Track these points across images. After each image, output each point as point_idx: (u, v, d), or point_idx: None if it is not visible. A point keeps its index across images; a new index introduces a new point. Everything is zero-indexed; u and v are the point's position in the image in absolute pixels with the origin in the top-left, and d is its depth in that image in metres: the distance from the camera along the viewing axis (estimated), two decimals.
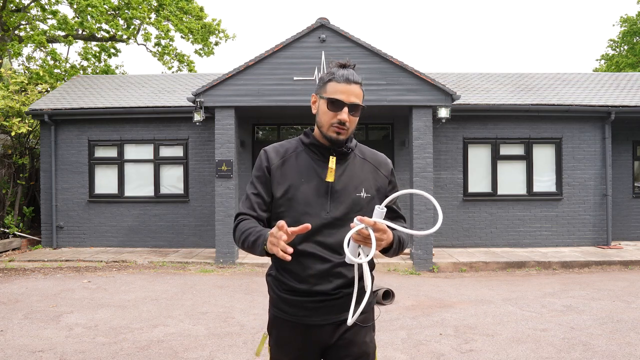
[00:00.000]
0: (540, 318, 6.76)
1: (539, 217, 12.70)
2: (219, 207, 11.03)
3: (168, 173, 13.01)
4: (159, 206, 12.93)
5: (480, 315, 6.94)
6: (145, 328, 6.32)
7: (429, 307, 7.42)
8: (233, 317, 6.81)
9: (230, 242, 10.97)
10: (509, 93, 13.50)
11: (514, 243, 12.66)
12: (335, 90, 2.31)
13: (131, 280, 9.38)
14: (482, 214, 12.73)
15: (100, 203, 12.98)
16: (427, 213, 10.88)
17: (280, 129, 13.20)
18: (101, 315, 6.93)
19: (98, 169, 13.09)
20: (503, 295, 8.14)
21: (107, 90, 14.48)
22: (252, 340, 5.80)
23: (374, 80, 10.86)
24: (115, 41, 22.42)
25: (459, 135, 12.78)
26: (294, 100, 10.90)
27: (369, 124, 13.13)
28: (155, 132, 12.95)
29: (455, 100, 11.13)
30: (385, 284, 8.79)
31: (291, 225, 2.14)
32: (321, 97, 2.35)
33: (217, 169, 11.03)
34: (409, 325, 6.45)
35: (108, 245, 12.92)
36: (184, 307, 7.40)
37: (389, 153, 12.96)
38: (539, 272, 10.41)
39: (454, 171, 12.74)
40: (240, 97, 10.95)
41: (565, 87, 14.06)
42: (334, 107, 2.30)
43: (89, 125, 13.01)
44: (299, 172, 2.33)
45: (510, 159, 12.78)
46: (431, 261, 10.79)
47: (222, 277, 9.79)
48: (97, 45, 22.69)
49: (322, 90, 2.36)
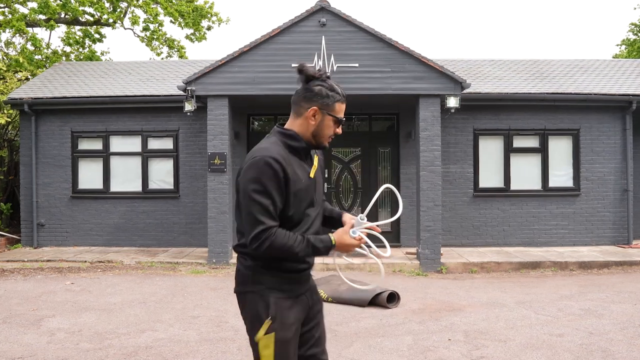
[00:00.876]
0: (556, 322, 6.75)
1: (555, 214, 12.69)
2: (212, 203, 11.02)
3: (157, 167, 12.99)
4: (147, 202, 12.91)
5: (491, 319, 6.93)
6: (132, 333, 6.30)
7: (436, 310, 7.40)
8: (227, 322, 6.80)
9: (223, 240, 10.96)
10: (523, 81, 13.46)
11: (528, 242, 12.66)
12: (341, 109, 2.82)
13: (117, 281, 9.36)
14: (493, 211, 12.71)
15: (84, 199, 12.96)
16: (434, 210, 10.86)
17: (277, 120, 13.16)
18: (85, 319, 6.92)
19: (82, 163, 13.06)
20: (516, 298, 8.13)
21: (92, 78, 14.44)
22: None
23: (377, 67, 10.82)
24: (101, 25, 22.34)
25: (469, 127, 12.75)
26: (292, 88, 10.70)
27: (373, 115, 13.11)
28: (143, 122, 12.91)
29: (465, 89, 11.10)
30: (390, 286, 8.78)
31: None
32: (328, 114, 2.77)
33: (210, 162, 11.01)
34: (416, 330, 6.44)
35: (93, 244, 12.91)
36: (174, 310, 7.39)
37: (394, 145, 12.96)
38: (555, 273, 10.40)
39: (464, 165, 12.72)
40: (235, 85, 10.92)
41: (583, 75, 14.03)
42: (338, 124, 2.83)
43: (72, 115, 12.98)
44: (297, 173, 2.69)
45: (524, 151, 12.76)
46: (439, 261, 10.78)
47: (215, 278, 9.77)
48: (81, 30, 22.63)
49: (330, 109, 2.77)
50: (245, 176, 2.60)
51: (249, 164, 2.60)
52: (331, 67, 10.79)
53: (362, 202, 12.99)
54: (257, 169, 2.56)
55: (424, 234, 10.85)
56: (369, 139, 13.07)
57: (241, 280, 2.74)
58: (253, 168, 2.58)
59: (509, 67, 14.83)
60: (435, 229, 10.86)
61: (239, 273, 2.76)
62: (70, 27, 22.55)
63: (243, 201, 2.62)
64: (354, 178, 13.07)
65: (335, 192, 12.94)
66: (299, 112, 2.77)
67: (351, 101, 12.19)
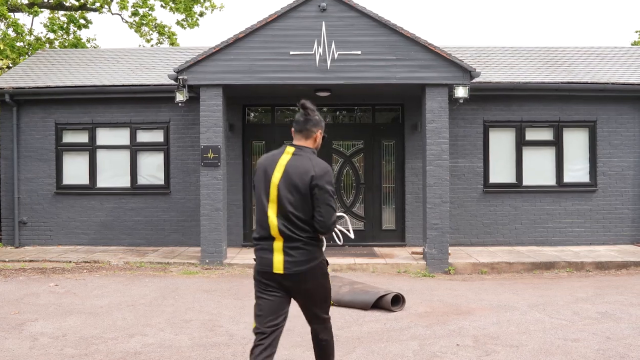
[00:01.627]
0: (571, 327, 6.74)
1: (570, 212, 12.67)
2: (205, 199, 11.00)
3: (146, 161, 12.97)
4: (136, 199, 12.89)
5: (503, 323, 6.92)
6: (120, 338, 6.29)
7: (444, 314, 7.40)
8: (221, 326, 6.79)
9: (217, 239, 10.94)
10: (536, 70, 13.43)
11: (541, 241, 12.65)
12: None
13: (104, 283, 9.35)
14: (505, 208, 12.69)
15: (69, 195, 12.94)
16: (442, 206, 10.84)
17: (274, 111, 13.15)
18: (70, 323, 6.90)
19: (67, 157, 13.04)
20: (529, 301, 8.12)
21: (77, 67, 14.41)
22: (242, 352, 5.77)
23: (381, 55, 10.79)
24: (86, 10, 22.29)
25: (479, 118, 12.73)
26: (291, 77, 10.84)
27: (376, 105, 13.08)
28: (131, 114, 12.88)
29: (475, 78, 11.07)
30: (395, 287, 8.77)
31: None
32: (323, 135, 4.20)
33: (203, 156, 10.99)
34: (422, 335, 6.43)
35: (78, 243, 12.90)
36: (164, 314, 7.38)
37: (398, 138, 12.94)
38: (570, 274, 10.39)
39: (473, 159, 12.70)
40: (229, 74, 10.89)
41: (600, 63, 13.99)
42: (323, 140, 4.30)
43: (56, 106, 12.95)
44: None
45: (538, 144, 12.74)
46: (447, 261, 10.77)
47: (208, 279, 9.76)
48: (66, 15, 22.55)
49: (324, 130, 4.24)
50: (325, 179, 3.87)
51: (325, 171, 3.91)
52: (332, 54, 10.75)
53: (365, 199, 12.98)
54: (331, 176, 3.96)
55: (430, 232, 10.84)
56: (372, 132, 13.04)
57: (311, 257, 3.93)
58: (329, 174, 3.94)
59: (521, 54, 14.79)
60: (442, 227, 10.84)
61: (307, 253, 3.91)
62: (54, 12, 22.49)
63: (323, 196, 3.86)
64: (356, 173, 13.04)
65: (336, 188, 12.88)
66: (309, 135, 4.11)
67: (353, 91, 12.25)
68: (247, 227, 12.91)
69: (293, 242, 3.88)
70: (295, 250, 3.89)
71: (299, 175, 3.87)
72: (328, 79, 10.89)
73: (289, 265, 3.88)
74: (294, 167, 3.92)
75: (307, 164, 3.91)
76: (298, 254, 3.89)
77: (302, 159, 3.96)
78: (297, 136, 4.12)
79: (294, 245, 3.88)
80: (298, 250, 3.89)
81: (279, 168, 3.95)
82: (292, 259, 3.88)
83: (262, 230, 3.96)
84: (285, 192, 3.88)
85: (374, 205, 13.01)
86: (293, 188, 3.87)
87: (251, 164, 12.99)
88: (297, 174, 3.88)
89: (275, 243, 3.91)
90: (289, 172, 3.92)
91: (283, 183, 3.90)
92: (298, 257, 3.89)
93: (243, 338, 6.24)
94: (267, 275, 3.94)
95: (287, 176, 3.90)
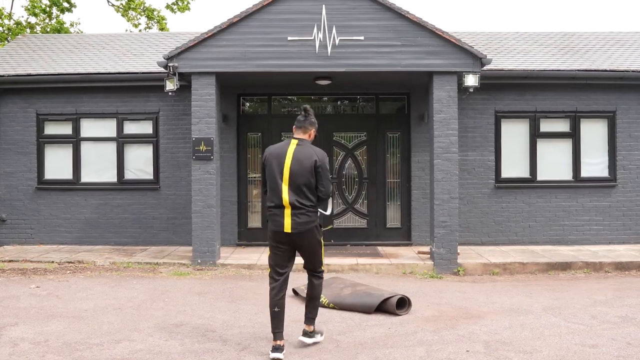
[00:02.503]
0: (589, 331, 6.74)
1: (588, 208, 12.67)
2: (197, 195, 10.98)
3: (134, 154, 12.96)
4: (123, 194, 12.89)
5: (516, 328, 6.92)
6: (106, 344, 6.28)
7: (453, 318, 7.39)
8: (214, 331, 6.78)
9: (210, 238, 10.93)
10: (551, 57, 13.40)
11: (557, 240, 12.65)
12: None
13: (89, 285, 9.34)
14: (518, 204, 12.69)
15: (52, 191, 12.94)
16: (450, 203, 10.82)
17: (271, 100, 13.12)
18: (52, 327, 6.89)
19: (49, 149, 13.03)
20: (544, 304, 8.12)
21: (60, 53, 14.38)
22: (237, 358, 5.76)
23: (386, 41, 10.76)
24: None
25: (490, 108, 12.71)
26: (289, 64, 10.81)
27: (380, 95, 13.06)
28: (118, 104, 12.87)
29: (486, 65, 11.03)
30: (400, 289, 8.77)
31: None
32: (315, 133, 6.14)
33: (195, 149, 10.97)
34: (429, 340, 6.42)
35: (61, 242, 12.90)
36: (153, 318, 7.37)
37: (404, 129, 12.93)
38: (587, 275, 10.38)
39: (484, 152, 12.69)
40: (223, 61, 10.85)
41: (619, 49, 13.98)
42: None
43: (37, 95, 12.93)
44: None
45: (553, 136, 12.74)
46: (456, 262, 10.76)
47: (200, 281, 9.76)
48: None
49: (316, 129, 6.12)
50: (324, 162, 5.81)
51: (324, 156, 5.88)
52: (332, 40, 10.72)
53: (368, 195, 12.96)
54: (327, 159, 5.93)
55: (438, 230, 10.83)
56: (375, 123, 13.02)
57: (310, 221, 5.78)
58: (326, 158, 5.91)
59: (535, 40, 14.77)
60: (451, 225, 10.83)
61: (308, 217, 5.77)
62: None
63: (324, 173, 5.79)
64: (359, 167, 13.03)
65: (337, 183, 12.91)
66: (306, 131, 6.00)
67: (355, 79, 12.24)
68: (242, 225, 12.90)
69: (299, 210, 5.75)
70: (300, 216, 5.76)
71: (305, 159, 5.77)
72: (328, 66, 10.85)
73: (295, 226, 5.75)
74: (301, 154, 5.82)
75: (310, 151, 5.84)
76: (302, 218, 5.76)
77: (305, 147, 5.89)
78: (298, 131, 6.01)
79: (299, 212, 5.75)
80: (302, 215, 5.76)
81: (289, 155, 5.82)
82: (298, 220, 5.75)
83: (277, 200, 5.81)
84: (295, 172, 5.75)
85: (378, 201, 13.00)
86: (301, 169, 5.75)
87: (246, 157, 12.97)
88: (304, 158, 5.78)
89: (285, 210, 5.77)
90: (297, 157, 5.80)
91: (294, 166, 5.77)
92: (302, 220, 5.75)
93: (238, 344, 6.23)
94: (279, 234, 5.82)
95: (296, 160, 5.78)
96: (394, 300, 7.52)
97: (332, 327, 6.88)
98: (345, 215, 13.01)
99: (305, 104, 7.48)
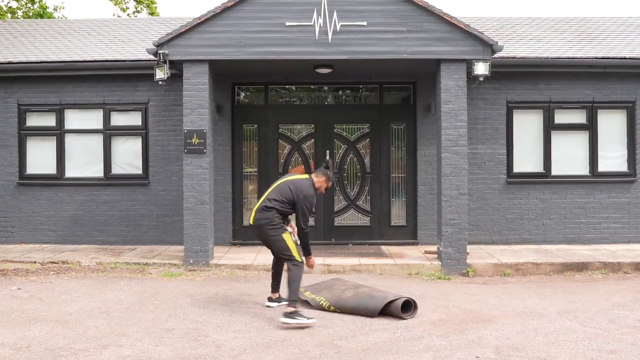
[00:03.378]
0: (607, 336, 6.72)
1: (606, 205, 12.65)
2: (189, 191, 10.96)
3: (122, 147, 12.94)
4: (110, 190, 12.87)
5: (528, 332, 6.90)
6: (92, 349, 6.26)
7: (462, 322, 7.38)
8: (207, 335, 6.77)
9: (202, 237, 10.91)
10: (567, 43, 13.37)
11: (572, 238, 12.64)
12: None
13: (74, 286, 9.32)
14: (531, 201, 12.67)
15: (34, 186, 12.92)
16: (459, 199, 10.80)
17: (268, 90, 13.09)
18: (35, 332, 6.88)
19: (31, 142, 13.01)
20: (559, 307, 8.10)
21: (43, 40, 14.35)
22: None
23: (390, 27, 10.72)
24: None
25: (502, 98, 12.69)
26: (287, 52, 10.78)
27: (384, 84, 13.03)
28: (105, 93, 12.84)
29: (497, 52, 11.01)
30: (405, 291, 8.76)
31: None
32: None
33: (186, 141, 10.95)
34: (437, 345, 6.41)
35: (44, 241, 12.89)
36: (142, 322, 7.36)
37: (409, 121, 12.91)
38: (605, 277, 10.37)
39: (495, 145, 12.67)
40: (217, 48, 10.82)
41: (639, 36, 13.95)
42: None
43: (19, 85, 12.91)
44: None
45: (568, 128, 12.72)
46: (465, 262, 10.75)
47: (192, 282, 9.75)
48: None
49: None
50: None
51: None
52: (333, 25, 10.68)
53: (372, 191, 12.94)
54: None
55: (446, 228, 10.82)
56: (379, 114, 13.00)
57: (271, 216, 7.40)
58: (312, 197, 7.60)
59: (549, 26, 14.74)
60: (460, 223, 10.82)
61: (269, 213, 7.41)
62: None
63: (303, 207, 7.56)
64: (361, 161, 13.01)
65: (338, 178, 12.88)
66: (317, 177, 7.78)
67: (358, 67, 12.21)
68: (236, 223, 12.89)
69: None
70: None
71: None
72: (329, 54, 10.82)
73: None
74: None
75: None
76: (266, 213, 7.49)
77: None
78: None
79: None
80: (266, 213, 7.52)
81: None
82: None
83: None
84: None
85: (382, 197, 12.98)
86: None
87: (242, 150, 12.95)
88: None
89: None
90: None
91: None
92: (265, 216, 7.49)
93: (232, 350, 6.22)
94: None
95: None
96: (399, 303, 7.49)
97: (332, 331, 6.87)
98: (346, 213, 13.00)
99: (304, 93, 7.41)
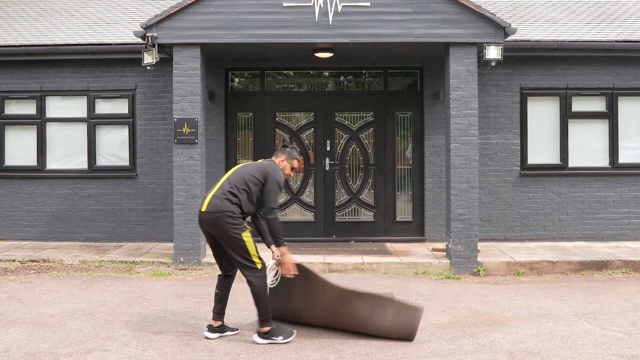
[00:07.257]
0: (628, 340, 6.72)
1: (627, 199, 12.65)
2: (179, 184, 10.95)
3: (107, 137, 12.94)
4: (94, 183, 12.86)
5: (544, 336, 6.90)
6: (75, 354, 6.26)
7: (472, 324, 7.38)
8: (198, 339, 6.77)
9: (194, 233, 10.90)
10: (585, 25, 13.34)
11: (591, 235, 12.64)
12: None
13: (56, 286, 9.32)
14: (546, 195, 12.66)
15: (13, 179, 12.92)
16: (469, 193, 10.79)
17: (264, 76, 13.06)
18: (14, 335, 6.87)
19: (9, 132, 13.02)
20: (576, 308, 8.10)
21: (22, 22, 14.30)
22: None
23: (395, 7, 10.68)
24: None
25: (515, 85, 12.67)
26: (284, 34, 10.75)
27: (389, 69, 13.00)
28: (89, 79, 12.82)
29: (510, 35, 10.98)
30: (412, 291, 8.76)
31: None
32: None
33: (177, 131, 10.93)
34: (445, 350, 6.41)
35: (23, 237, 12.91)
36: (129, 324, 7.35)
37: (416, 109, 12.89)
38: (626, 276, 10.37)
39: (508, 134, 12.65)
40: (209, 30, 10.79)
41: None
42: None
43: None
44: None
45: (587, 117, 12.72)
46: (475, 260, 10.75)
47: (183, 282, 9.75)
48: None
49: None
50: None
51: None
52: (334, 6, 10.64)
53: (376, 184, 12.93)
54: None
55: (455, 224, 10.81)
56: (384, 101, 12.98)
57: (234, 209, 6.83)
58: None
59: (566, 6, 14.69)
60: (470, 219, 10.81)
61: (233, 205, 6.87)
62: None
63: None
64: (365, 152, 12.99)
65: (340, 170, 12.87)
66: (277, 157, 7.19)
67: (361, 51, 12.22)
68: None
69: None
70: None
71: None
72: (330, 37, 10.79)
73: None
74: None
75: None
76: (223, 205, 7.02)
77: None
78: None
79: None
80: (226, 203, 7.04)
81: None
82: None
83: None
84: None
85: (387, 191, 12.97)
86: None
87: (236, 140, 12.94)
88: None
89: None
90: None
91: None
92: (221, 206, 7.02)
93: (226, 354, 6.22)
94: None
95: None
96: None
97: (333, 334, 6.86)
98: (348, 208, 12.99)
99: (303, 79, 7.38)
